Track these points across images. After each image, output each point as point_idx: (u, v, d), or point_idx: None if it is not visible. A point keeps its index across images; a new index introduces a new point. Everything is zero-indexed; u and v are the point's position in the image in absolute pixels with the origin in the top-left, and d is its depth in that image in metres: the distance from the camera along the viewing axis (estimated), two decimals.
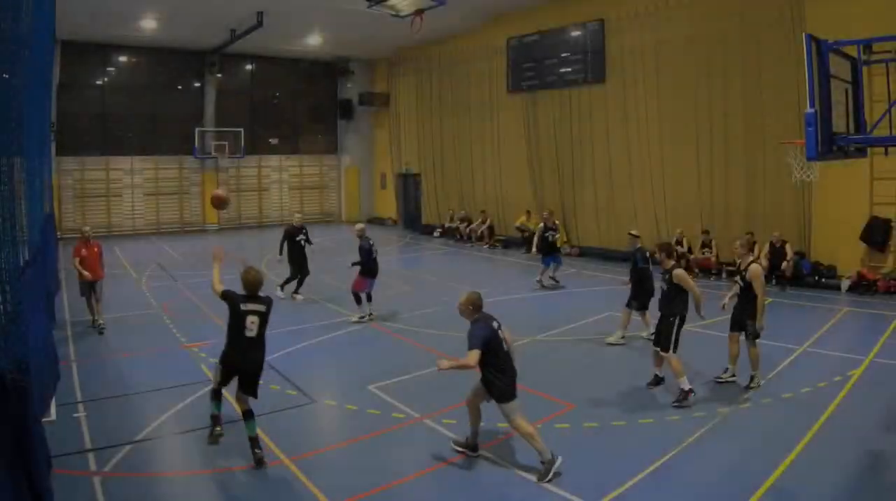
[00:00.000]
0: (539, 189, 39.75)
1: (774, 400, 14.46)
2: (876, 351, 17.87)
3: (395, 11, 28.75)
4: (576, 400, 14.66)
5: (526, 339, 19.65)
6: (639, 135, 33.96)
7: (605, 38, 35.37)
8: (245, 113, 52.58)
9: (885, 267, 25.76)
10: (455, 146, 46.18)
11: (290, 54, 51.62)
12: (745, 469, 11.25)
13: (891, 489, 10.63)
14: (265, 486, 10.98)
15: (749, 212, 29.49)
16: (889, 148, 19.62)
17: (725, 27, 29.79)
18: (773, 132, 27.69)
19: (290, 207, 53.30)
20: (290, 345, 18.98)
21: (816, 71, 11.21)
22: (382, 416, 13.83)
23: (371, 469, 11.44)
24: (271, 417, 13.66)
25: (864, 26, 22.10)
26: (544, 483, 10.74)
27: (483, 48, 42.82)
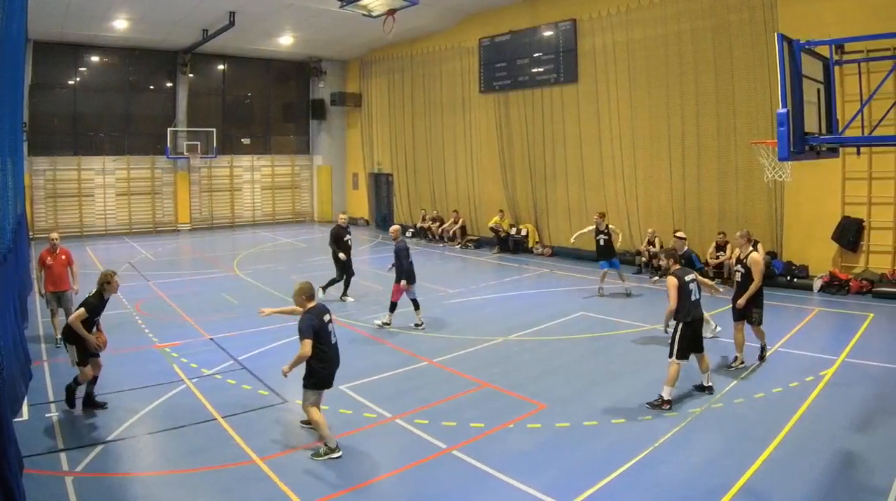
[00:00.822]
0: (511, 189, 39.73)
1: (747, 400, 14.47)
2: (848, 351, 17.91)
3: (367, 11, 28.72)
4: (547, 400, 14.68)
5: (497, 339, 19.83)
6: (611, 135, 33.98)
7: (576, 38, 35.35)
8: (217, 113, 52.54)
9: (857, 267, 25.86)
10: (427, 146, 46.15)
11: (262, 54, 51.50)
12: (716, 469, 11.27)
13: (862, 489, 10.62)
14: (237, 486, 10.89)
15: (721, 211, 29.49)
16: (861, 148, 19.79)
17: (697, 27, 29.80)
18: (746, 132, 27.83)
19: (262, 207, 54.18)
20: (263, 345, 18.99)
21: (788, 71, 11.20)
22: (354, 416, 13.83)
23: (343, 469, 11.45)
24: (243, 417, 13.78)
25: (836, 26, 22.45)
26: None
27: (455, 48, 42.88)
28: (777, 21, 26.46)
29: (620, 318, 22.08)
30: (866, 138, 17.01)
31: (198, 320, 21.78)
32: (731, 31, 28.49)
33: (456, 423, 13.14)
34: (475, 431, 12.85)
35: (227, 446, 12.35)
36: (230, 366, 17.29)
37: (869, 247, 25.68)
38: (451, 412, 13.94)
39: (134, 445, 12.52)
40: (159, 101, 49.89)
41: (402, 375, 16.60)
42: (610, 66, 33.81)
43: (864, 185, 25.51)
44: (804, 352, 17.79)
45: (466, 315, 23.02)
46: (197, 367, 17.09)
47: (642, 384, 15.64)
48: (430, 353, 18.36)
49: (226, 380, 16.16)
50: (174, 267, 33.75)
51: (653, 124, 32.07)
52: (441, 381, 16.01)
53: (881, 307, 22.91)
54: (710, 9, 29.20)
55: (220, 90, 53.09)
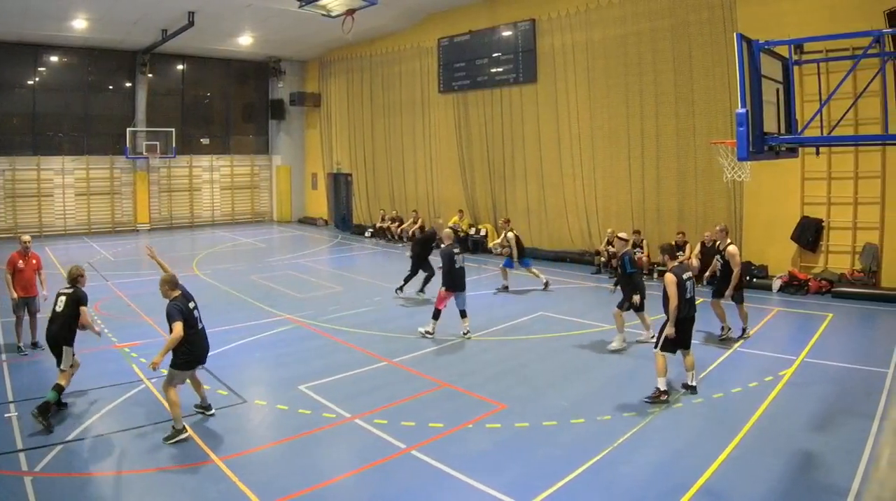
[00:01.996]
0: (470, 189, 39.70)
1: (706, 400, 14.48)
2: (807, 351, 17.99)
3: (326, 11, 28.60)
4: (507, 400, 14.64)
5: (456, 339, 19.85)
6: (570, 135, 33.93)
7: (535, 38, 35.34)
8: (176, 113, 52.25)
9: (816, 268, 25.94)
10: (386, 146, 46.08)
11: (221, 54, 51.31)
12: (676, 468, 11.30)
13: (822, 489, 10.65)
14: (196, 486, 10.84)
15: (680, 211, 29.54)
16: (820, 148, 19.80)
17: (656, 27, 29.81)
18: (705, 132, 27.91)
19: (222, 207, 54.15)
20: (222, 345, 18.69)
21: (748, 71, 11.22)
22: (313, 416, 13.79)
23: (302, 469, 11.46)
24: (202, 417, 13.71)
25: (795, 27, 22.55)
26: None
27: (414, 48, 42.83)
28: (736, 21, 26.55)
29: (580, 318, 22.06)
30: (825, 138, 17.14)
31: (157, 320, 20.98)
32: (691, 30, 28.53)
33: (415, 423, 13.14)
34: (434, 431, 12.84)
35: (187, 446, 12.27)
36: None
37: (828, 247, 25.78)
38: (411, 412, 13.91)
39: (93, 445, 12.44)
40: (118, 101, 49.56)
41: (361, 375, 16.51)
42: (569, 65, 33.81)
43: (823, 185, 25.62)
44: (763, 352, 17.83)
45: (425, 315, 22.41)
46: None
47: (601, 384, 15.80)
48: (389, 353, 18.29)
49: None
50: (133, 268, 33.41)
51: (612, 124, 32.07)
52: (400, 381, 15.95)
53: (840, 307, 23.02)
54: (669, 9, 29.21)
55: (180, 90, 52.78)
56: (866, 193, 24.78)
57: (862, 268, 24.72)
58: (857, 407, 14.01)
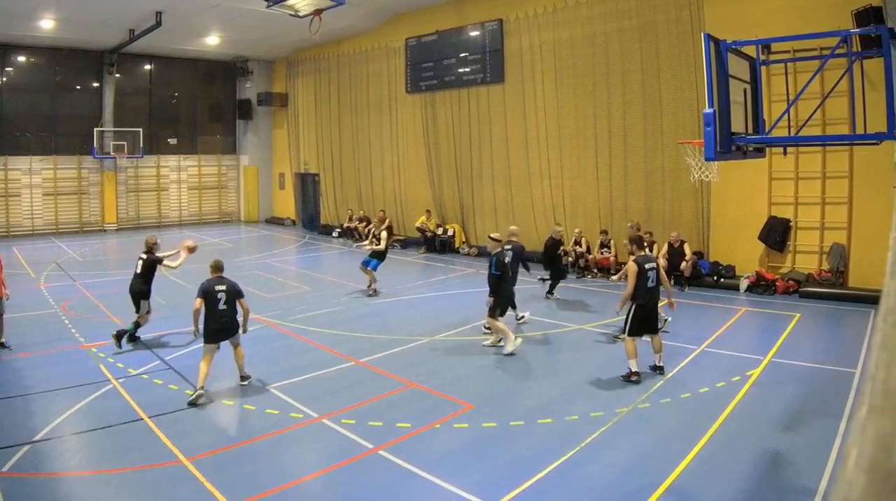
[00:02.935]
0: (438, 189, 39.67)
1: (673, 400, 14.50)
2: (775, 351, 18.02)
3: (293, 11, 28.68)
4: (474, 400, 14.63)
5: (424, 339, 19.75)
6: (537, 135, 33.94)
7: (503, 38, 35.32)
8: (144, 113, 52.03)
9: (783, 267, 26.05)
10: (354, 146, 46.00)
11: (188, 54, 51.12)
12: (643, 468, 11.29)
13: (789, 489, 10.67)
14: (164, 485, 10.78)
15: (648, 211, 29.52)
16: (788, 148, 19.85)
17: (624, 27, 29.81)
18: (672, 132, 27.91)
19: (189, 207, 54.02)
20: (189, 345, 18.67)
21: (715, 71, 11.31)
22: (281, 416, 13.77)
23: (270, 469, 11.38)
24: (170, 417, 13.64)
25: (762, 27, 22.71)
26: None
27: (381, 48, 42.73)
28: (704, 21, 26.58)
29: (546, 318, 22.00)
30: (793, 138, 17.23)
31: (125, 320, 20.86)
32: (658, 31, 28.57)
33: (383, 423, 13.16)
34: (402, 431, 12.85)
35: (154, 446, 12.20)
36: (157, 366, 17.12)
37: (796, 247, 25.91)
38: (378, 412, 13.89)
39: (61, 445, 12.36)
40: (86, 101, 49.30)
41: (328, 375, 16.54)
42: (536, 65, 33.81)
43: (790, 185, 25.75)
44: (731, 352, 17.85)
45: (393, 315, 23.04)
46: (124, 367, 16.89)
47: (568, 384, 15.76)
48: (357, 353, 18.26)
49: (153, 380, 15.99)
50: (101, 268, 33.50)
51: (579, 124, 32.07)
52: (368, 381, 15.94)
53: (808, 307, 23.09)
54: (637, 9, 29.25)
55: (147, 90, 52.56)
56: (834, 193, 24.88)
57: (829, 268, 24.78)
58: (825, 406, 14.07)
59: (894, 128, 12.36)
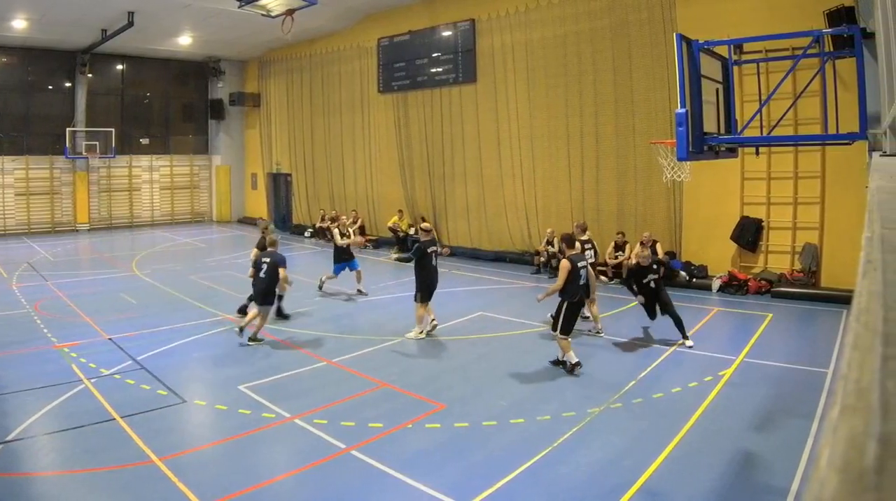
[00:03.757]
0: (410, 189, 39.63)
1: (645, 400, 14.49)
2: (747, 351, 18.04)
3: (265, 11, 28.74)
4: (446, 400, 14.66)
5: (396, 339, 19.66)
6: (509, 135, 33.90)
7: (475, 38, 35.31)
8: (116, 113, 51.81)
9: (755, 268, 26.05)
10: (326, 146, 45.99)
11: (161, 54, 50.82)
12: (615, 469, 11.31)
13: (761, 489, 10.69)
14: (136, 486, 10.74)
15: (620, 211, 29.57)
16: (760, 148, 19.86)
17: (596, 27, 29.81)
18: (645, 132, 27.94)
19: (161, 207, 53.93)
20: (162, 345, 18.77)
21: (687, 71, 11.27)
22: (253, 416, 13.71)
23: (242, 469, 11.37)
24: (142, 417, 13.53)
25: (735, 27, 22.56)
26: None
27: (354, 48, 42.67)
28: (676, 21, 26.57)
29: (519, 318, 21.94)
30: (765, 138, 17.27)
31: (97, 320, 21.43)
32: (630, 30, 28.57)
33: (355, 423, 13.14)
34: (374, 431, 12.83)
35: (126, 446, 12.11)
36: (129, 366, 16.98)
37: (768, 247, 25.99)
38: (350, 412, 13.86)
39: (32, 445, 12.29)
40: (58, 101, 49.03)
41: (300, 375, 16.51)
42: (509, 65, 33.76)
43: (763, 185, 25.83)
44: (703, 352, 17.85)
45: (365, 315, 23.04)
46: (96, 367, 16.75)
47: (540, 384, 15.79)
48: (329, 353, 18.27)
49: (125, 380, 15.87)
50: (73, 268, 33.41)
51: (552, 124, 32.05)
52: (340, 381, 15.92)
53: (780, 307, 23.16)
54: (609, 9, 29.23)
55: (119, 90, 52.37)
56: (806, 193, 24.99)
57: (801, 268, 24.87)
58: (797, 406, 14.10)
59: (866, 128, 12.40)
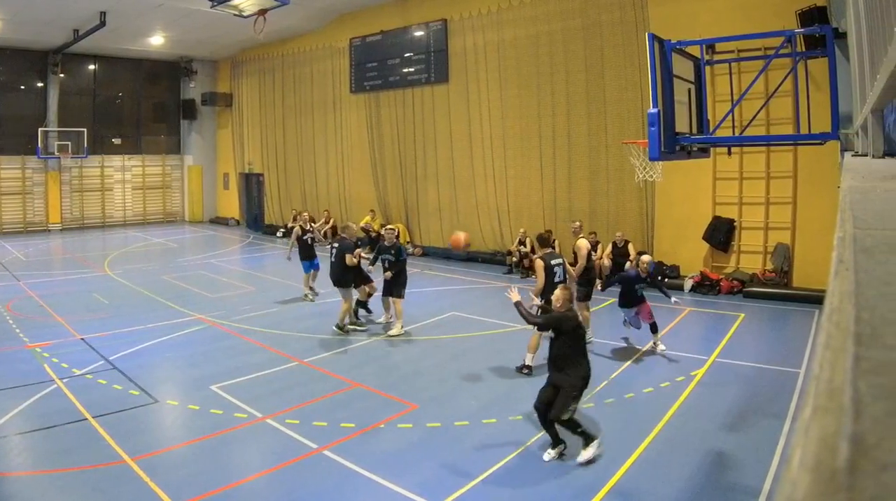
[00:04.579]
0: (382, 189, 39.60)
1: (617, 400, 14.47)
2: (719, 351, 18.05)
3: (238, 11, 28.69)
4: (418, 400, 14.63)
5: (368, 339, 19.68)
6: (482, 135, 33.89)
7: (447, 38, 35.28)
8: (88, 113, 51.54)
9: (727, 268, 26.08)
10: (298, 146, 45.94)
11: (133, 54, 50.58)
12: (587, 469, 11.27)
13: (733, 489, 10.68)
14: (108, 486, 10.67)
15: (592, 211, 29.48)
16: (732, 148, 19.88)
17: (568, 27, 29.80)
18: (617, 132, 27.92)
19: (133, 207, 53.86)
20: (134, 345, 18.72)
21: (659, 71, 11.21)
22: (225, 416, 13.67)
23: (214, 469, 11.35)
24: (114, 417, 13.47)
25: (707, 26, 22.72)
26: (376, 477, 11.01)
27: (326, 48, 42.59)
28: (648, 21, 26.59)
29: (491, 318, 21.89)
30: (737, 138, 17.28)
31: (69, 320, 21.38)
32: (603, 30, 28.54)
33: (327, 423, 13.14)
34: (346, 431, 12.83)
35: (99, 446, 12.07)
36: (101, 366, 16.91)
37: (740, 246, 26.01)
38: (322, 412, 13.86)
39: (4, 445, 12.26)
40: (30, 101, 48.78)
41: (273, 375, 16.42)
42: (481, 65, 33.74)
43: (735, 185, 25.84)
44: (675, 352, 17.77)
45: (337, 315, 22.36)
46: (68, 367, 16.68)
47: (512, 384, 15.71)
48: (301, 353, 18.18)
49: (97, 380, 15.80)
50: (45, 268, 33.33)
51: (524, 124, 32.04)
52: (312, 381, 15.89)
53: (752, 307, 23.20)
54: (581, 9, 29.22)
55: (92, 90, 52.08)
56: (778, 193, 25.02)
57: (773, 268, 24.92)
58: (769, 406, 14.09)
59: (838, 128, 12.41)
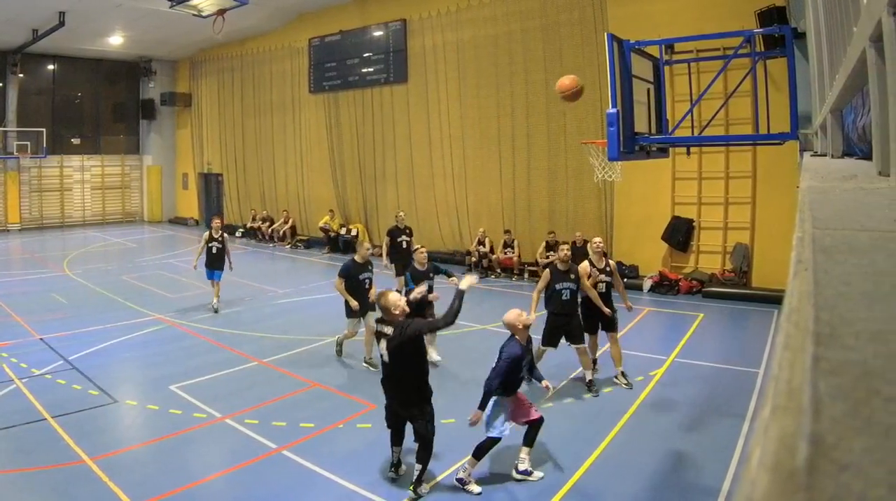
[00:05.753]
0: (341, 189, 39.54)
1: (577, 401, 14.55)
2: (678, 351, 18.14)
3: (197, 11, 28.68)
4: (377, 400, 13.68)
5: (327, 339, 19.33)
6: (441, 135, 33.85)
7: (406, 38, 35.26)
8: (47, 113, 51.04)
9: (686, 267, 26.10)
10: (257, 146, 45.77)
11: (92, 54, 50.20)
12: (547, 468, 11.37)
13: (693, 489, 10.72)
14: (67, 486, 10.65)
15: (551, 211, 29.54)
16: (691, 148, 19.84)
17: (527, 27, 29.78)
18: (576, 132, 27.88)
19: (93, 207, 53.46)
20: (93, 345, 18.61)
21: (618, 71, 11.10)
22: (184, 416, 13.65)
23: (173, 469, 11.31)
24: (73, 417, 13.40)
25: (666, 26, 22.75)
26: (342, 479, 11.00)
27: (285, 48, 42.43)
28: (607, 21, 26.54)
29: None
30: (696, 138, 16.94)
31: (28, 320, 21.23)
32: (562, 30, 28.53)
33: (286, 423, 13.16)
34: (305, 431, 12.87)
35: (58, 446, 12.04)
36: (61, 366, 16.82)
37: (699, 247, 26.07)
38: (282, 412, 13.87)
39: None
40: None
41: (232, 375, 16.41)
42: (440, 65, 33.72)
43: (694, 185, 25.90)
44: (634, 353, 17.49)
45: (296, 315, 23.08)
46: (27, 367, 16.60)
47: (472, 383, 14.87)
48: (260, 353, 18.15)
49: (56, 380, 15.73)
50: (4, 268, 33.25)
51: (483, 124, 31.98)
52: (271, 381, 15.88)
53: (711, 307, 23.28)
54: (540, 9, 29.19)
55: (51, 90, 51.57)
56: (737, 193, 25.11)
57: (732, 268, 24.98)
58: (728, 406, 14.13)
59: (797, 128, 12.43)
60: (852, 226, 2.11)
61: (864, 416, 0.82)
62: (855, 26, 4.45)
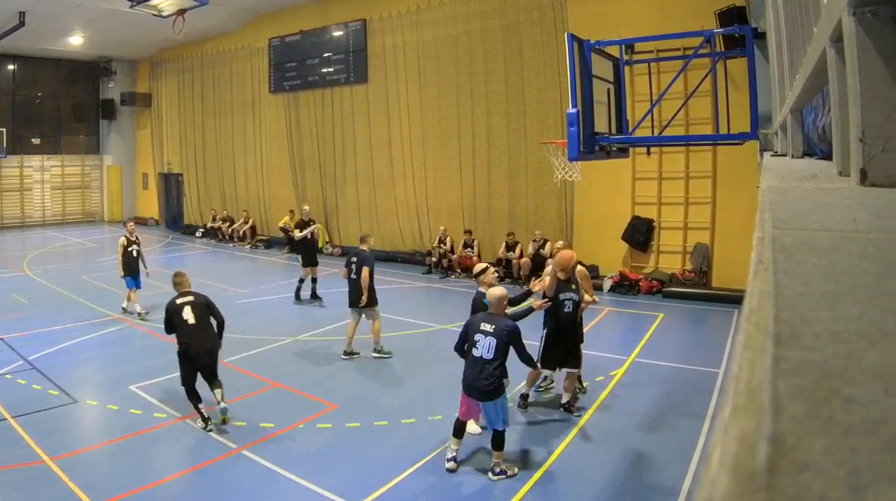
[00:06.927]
0: (301, 189, 39.42)
1: (536, 401, 14.42)
2: (638, 351, 18.13)
3: (157, 11, 28.37)
4: (338, 400, 14.63)
5: (287, 339, 19.59)
6: (401, 135, 33.80)
7: (366, 38, 35.13)
8: (7, 113, 50.73)
9: (647, 267, 26.15)
10: (217, 146, 45.56)
11: (52, 54, 49.80)
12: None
13: (653, 489, 10.74)
14: (27, 486, 10.64)
15: (512, 211, 29.51)
16: (651, 148, 19.91)
17: (487, 27, 29.75)
18: (536, 132, 27.88)
19: (53, 207, 53.21)
20: (53, 345, 18.54)
21: (579, 71, 11.01)
22: (144, 416, 13.59)
23: (133, 469, 11.24)
24: (33, 417, 13.38)
25: (626, 26, 22.58)
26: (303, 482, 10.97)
27: (245, 48, 42.23)
28: (567, 21, 26.56)
29: (411, 318, 21.86)
30: (656, 138, 17.25)
31: None
32: (522, 30, 28.49)
33: (246, 423, 13.14)
34: (265, 431, 12.86)
35: (18, 446, 12.03)
36: (20, 366, 16.79)
37: (659, 246, 26.11)
38: (242, 412, 13.75)
39: None
40: None
41: None
42: (400, 65, 33.63)
43: (654, 185, 25.96)
44: (595, 353, 17.26)
45: (256, 315, 22.85)
46: None
47: (432, 384, 15.81)
48: (220, 353, 17.87)
49: (16, 380, 15.72)
50: None
51: (443, 124, 31.96)
52: (231, 381, 15.12)
53: (671, 307, 23.30)
54: (500, 9, 29.13)
55: (11, 90, 51.24)
56: (697, 193, 25.13)
57: (693, 268, 24.99)
58: (688, 406, 14.15)
59: (757, 128, 12.45)
60: (812, 227, 2.14)
61: (824, 416, 0.85)
62: (815, 26, 4.47)
